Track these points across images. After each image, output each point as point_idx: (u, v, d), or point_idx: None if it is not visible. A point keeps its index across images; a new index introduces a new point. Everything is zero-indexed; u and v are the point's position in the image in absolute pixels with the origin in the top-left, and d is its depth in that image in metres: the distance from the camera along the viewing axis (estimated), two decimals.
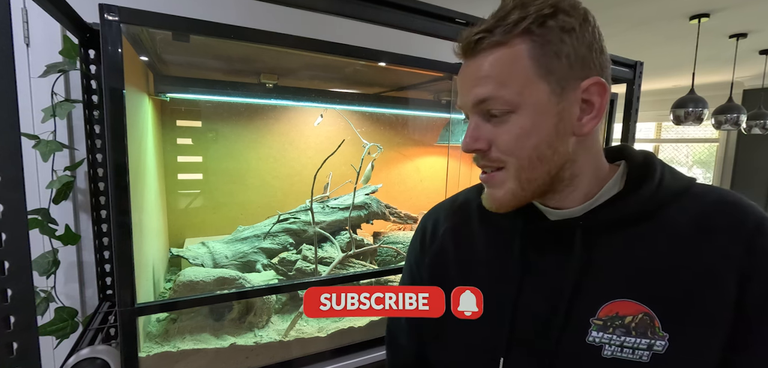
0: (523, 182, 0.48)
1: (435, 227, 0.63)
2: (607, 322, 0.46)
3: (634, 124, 1.33)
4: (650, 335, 0.44)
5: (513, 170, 0.47)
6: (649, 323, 0.44)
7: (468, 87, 0.48)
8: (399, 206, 1.49)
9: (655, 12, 2.42)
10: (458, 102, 0.51)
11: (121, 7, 0.64)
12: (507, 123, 0.46)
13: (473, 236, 0.58)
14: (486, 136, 0.47)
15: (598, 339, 0.46)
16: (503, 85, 0.45)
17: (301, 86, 1.29)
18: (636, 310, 0.45)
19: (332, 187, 1.37)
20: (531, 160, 0.47)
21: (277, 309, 1.05)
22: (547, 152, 0.47)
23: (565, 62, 0.45)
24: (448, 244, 0.60)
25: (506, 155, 0.47)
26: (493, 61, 0.45)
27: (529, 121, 0.45)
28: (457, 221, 0.61)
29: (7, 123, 0.43)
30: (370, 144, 1.32)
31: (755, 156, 4.50)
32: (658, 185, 0.48)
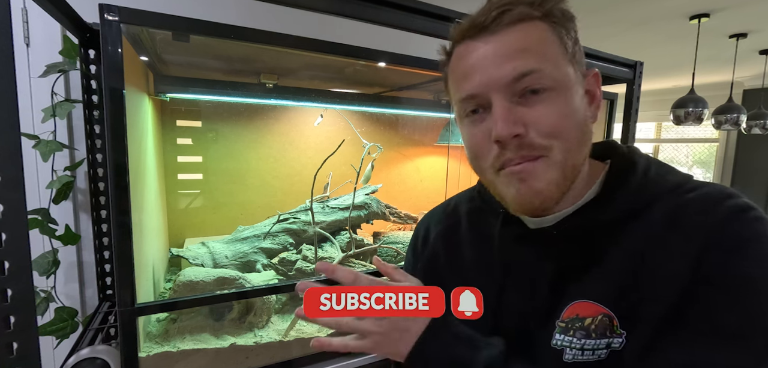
0: (567, 170, 0.43)
1: (427, 232, 0.63)
2: (568, 324, 0.45)
3: (634, 124, 1.33)
4: (609, 335, 0.43)
5: (559, 156, 0.42)
6: (608, 323, 0.43)
7: (497, 63, 0.42)
8: (399, 206, 1.49)
9: (655, 12, 2.42)
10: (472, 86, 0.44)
11: (121, 7, 0.64)
12: (548, 102, 0.41)
13: (462, 241, 0.58)
14: (522, 119, 0.42)
15: (560, 341, 0.45)
16: (546, 59, 0.41)
17: (301, 86, 1.29)
18: (595, 311, 0.44)
19: (332, 187, 1.37)
20: (575, 142, 0.43)
21: (277, 309, 1.05)
22: (586, 133, 0.44)
23: (576, 49, 0.45)
24: (439, 248, 0.60)
25: (550, 137, 0.42)
26: (527, 35, 0.42)
27: (569, 99, 0.43)
28: (448, 225, 0.61)
29: (7, 123, 0.43)
30: (370, 144, 1.32)
31: (755, 156, 4.50)
32: (636, 189, 0.45)
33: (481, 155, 0.46)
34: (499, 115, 0.42)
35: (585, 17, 2.54)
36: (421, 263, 0.62)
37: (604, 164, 0.50)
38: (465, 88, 0.45)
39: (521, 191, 0.44)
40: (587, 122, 0.45)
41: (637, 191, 0.45)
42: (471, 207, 0.60)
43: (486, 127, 0.44)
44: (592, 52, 1.15)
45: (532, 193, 0.43)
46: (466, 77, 0.44)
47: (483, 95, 0.43)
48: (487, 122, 0.44)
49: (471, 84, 0.44)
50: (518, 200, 0.44)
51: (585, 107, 0.45)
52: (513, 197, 0.45)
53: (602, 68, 1.21)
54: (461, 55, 0.46)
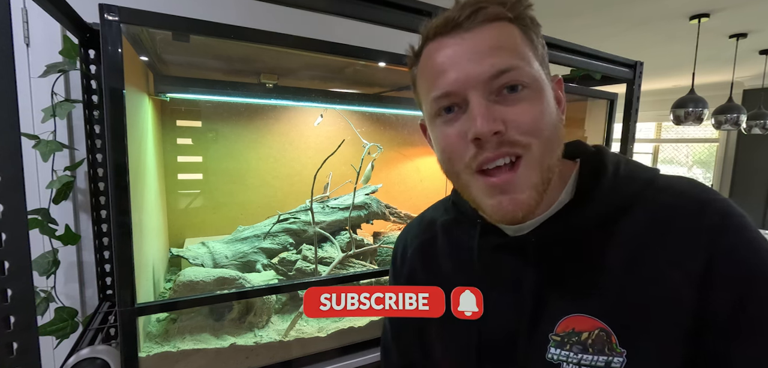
0: (544, 172, 0.43)
1: (404, 249, 0.62)
2: (564, 338, 0.44)
3: (634, 124, 1.33)
4: (608, 352, 0.41)
5: (536, 155, 0.42)
6: (606, 339, 0.42)
7: (474, 60, 0.41)
8: (399, 206, 1.49)
9: (655, 12, 2.42)
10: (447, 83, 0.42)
11: (121, 7, 0.64)
12: (526, 100, 0.41)
13: (439, 254, 0.56)
14: (501, 116, 0.41)
15: (556, 356, 0.44)
16: (521, 58, 0.42)
17: (301, 86, 1.29)
18: (592, 326, 0.42)
19: (332, 187, 1.37)
20: (551, 141, 0.43)
21: (277, 309, 1.05)
22: (562, 135, 0.44)
23: (544, 53, 0.46)
24: (416, 264, 0.59)
25: (529, 135, 0.41)
26: (501, 33, 0.42)
27: (545, 98, 0.43)
28: (424, 239, 0.59)
29: (7, 123, 0.43)
30: (370, 144, 1.32)
31: (755, 156, 4.50)
32: (611, 188, 0.45)
33: (456, 156, 0.44)
34: (478, 112, 0.41)
35: (585, 17, 2.54)
36: (402, 279, 0.60)
37: (573, 163, 0.50)
38: (439, 85, 0.43)
39: (503, 202, 0.42)
40: (560, 124, 0.45)
41: (611, 190, 0.45)
42: (447, 219, 0.58)
43: (461, 126, 0.43)
44: (592, 52, 1.15)
45: (514, 204, 0.42)
46: (441, 74, 0.43)
47: (459, 93, 0.42)
48: (462, 121, 0.43)
49: (446, 81, 0.42)
50: (499, 211, 0.43)
51: (556, 109, 0.45)
52: (492, 208, 0.43)
53: (602, 68, 1.21)
54: (433, 51, 0.45)
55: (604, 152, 0.49)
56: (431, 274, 0.57)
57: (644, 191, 0.44)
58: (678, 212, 0.42)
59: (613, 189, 0.45)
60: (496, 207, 0.43)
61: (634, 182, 0.45)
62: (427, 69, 0.46)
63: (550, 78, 0.46)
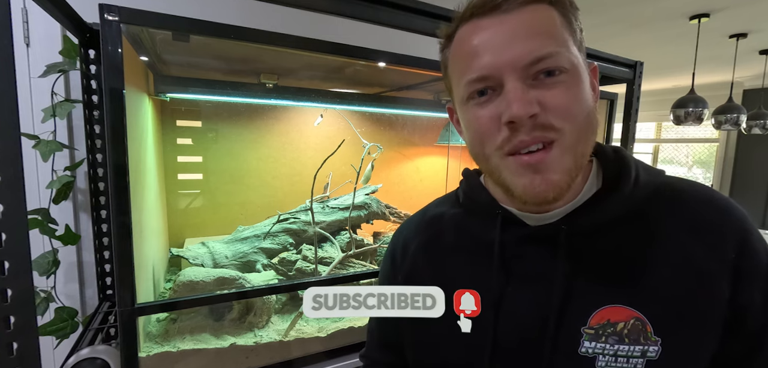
0: (577, 157, 0.42)
1: (405, 245, 0.59)
2: (598, 330, 0.43)
3: (634, 124, 1.33)
4: (643, 341, 0.42)
5: (570, 140, 0.41)
6: (642, 328, 0.42)
7: (512, 44, 0.41)
8: (399, 206, 1.49)
9: (655, 12, 2.42)
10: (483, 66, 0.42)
11: (121, 7, 0.64)
12: (563, 84, 0.41)
13: (448, 250, 0.54)
14: (537, 99, 0.40)
15: (591, 349, 0.43)
16: (560, 43, 0.41)
17: (301, 86, 1.29)
18: (628, 316, 0.42)
19: (332, 187, 1.38)
20: (587, 126, 0.42)
21: (277, 309, 1.05)
22: (595, 121, 0.44)
23: (582, 38, 0.45)
24: (420, 260, 0.56)
25: (565, 119, 0.41)
26: (541, 17, 0.41)
27: (580, 83, 0.42)
28: (430, 235, 0.57)
29: (7, 123, 0.43)
30: (370, 144, 1.32)
31: (755, 156, 4.49)
32: (635, 182, 0.45)
33: (488, 138, 0.43)
34: (514, 95, 0.40)
35: (585, 17, 2.53)
36: (402, 276, 0.58)
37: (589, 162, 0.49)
38: (474, 67, 0.42)
39: (535, 181, 0.42)
40: (595, 111, 0.44)
41: (637, 186, 0.45)
42: (457, 213, 0.56)
43: (494, 109, 0.42)
44: (592, 52, 1.15)
45: (546, 184, 0.41)
46: (476, 56, 0.42)
47: (495, 76, 0.41)
48: (495, 103, 0.42)
49: (482, 64, 0.42)
50: (530, 191, 0.42)
51: (592, 96, 0.45)
52: (524, 187, 0.42)
53: (602, 68, 1.21)
54: (469, 34, 0.44)
55: (622, 150, 0.49)
56: (438, 271, 0.54)
57: (664, 188, 0.46)
58: (709, 210, 0.44)
59: (637, 183, 0.45)
60: (529, 186, 0.42)
61: (653, 177, 0.47)
62: (462, 52, 0.45)
63: (587, 64, 0.45)
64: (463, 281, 0.50)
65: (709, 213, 0.44)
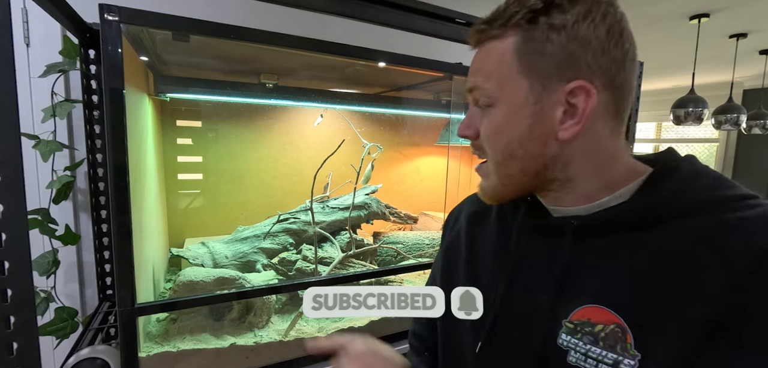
0: (501, 177, 0.49)
1: (458, 213, 0.66)
2: (577, 326, 0.43)
3: (634, 124, 1.33)
4: (620, 350, 0.40)
5: (492, 163, 0.49)
6: (620, 337, 0.40)
7: (469, 75, 0.50)
8: (399, 206, 1.49)
9: (655, 12, 2.42)
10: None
11: (121, 7, 0.64)
12: (488, 115, 0.48)
13: (486, 226, 0.59)
14: (476, 124, 0.49)
15: (565, 342, 0.44)
16: (488, 78, 0.47)
17: (301, 86, 1.29)
18: (608, 319, 0.41)
19: (332, 187, 1.37)
20: (504, 156, 0.48)
21: (277, 309, 1.05)
22: (519, 151, 0.46)
23: (549, 61, 0.42)
24: (463, 229, 0.62)
25: (487, 145, 0.49)
26: (484, 54, 0.48)
27: (504, 117, 0.46)
28: (478, 208, 0.63)
29: (7, 123, 0.43)
30: (370, 144, 1.32)
31: (755, 156, 4.50)
32: (671, 194, 0.42)
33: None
34: (465, 116, 0.50)
35: None
36: (447, 242, 0.64)
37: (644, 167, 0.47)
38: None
39: (480, 184, 0.52)
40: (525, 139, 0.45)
41: (669, 196, 0.42)
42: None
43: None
44: None
45: (480, 188, 0.52)
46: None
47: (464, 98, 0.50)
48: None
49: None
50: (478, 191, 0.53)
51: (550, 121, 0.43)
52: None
53: None
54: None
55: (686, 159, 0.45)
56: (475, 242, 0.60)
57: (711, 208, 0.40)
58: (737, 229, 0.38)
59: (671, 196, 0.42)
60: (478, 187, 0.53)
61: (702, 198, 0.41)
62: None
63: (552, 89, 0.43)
64: (488, 254, 0.56)
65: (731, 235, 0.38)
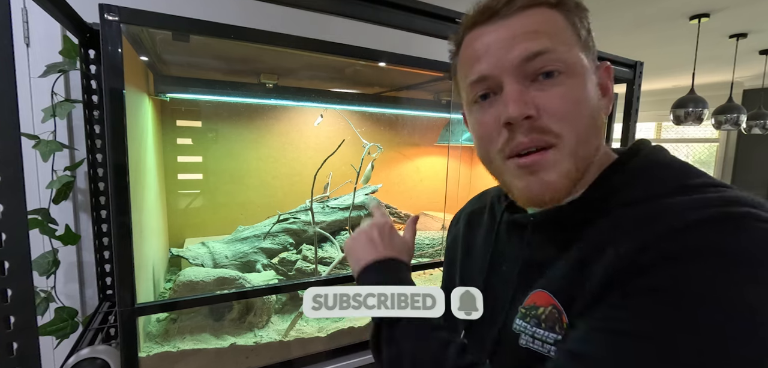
0: (578, 160, 0.41)
1: (460, 213, 0.68)
2: (527, 311, 0.45)
3: (634, 124, 1.33)
4: (557, 330, 0.41)
5: (570, 144, 0.40)
6: (557, 317, 0.42)
7: (508, 45, 0.41)
8: (399, 206, 1.49)
9: (655, 12, 2.42)
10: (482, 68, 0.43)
11: (121, 7, 0.64)
12: (561, 85, 0.40)
13: (481, 222, 0.61)
14: (534, 101, 0.40)
15: (518, 327, 0.45)
16: (559, 42, 0.41)
17: (301, 86, 1.29)
18: (547, 302, 0.43)
19: (332, 187, 1.37)
20: (588, 130, 0.41)
21: (277, 309, 1.05)
22: (599, 123, 0.43)
23: (589, 39, 0.45)
24: (462, 226, 0.64)
25: (563, 122, 0.40)
26: (539, 19, 0.42)
27: (582, 85, 0.41)
28: (477, 207, 0.64)
29: (7, 123, 0.43)
30: (370, 144, 1.32)
31: (755, 156, 4.50)
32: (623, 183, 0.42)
33: (490, 141, 0.44)
34: (511, 96, 0.41)
35: None
36: (450, 239, 0.66)
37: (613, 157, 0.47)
38: (475, 70, 0.44)
39: (531, 183, 0.42)
40: (600, 113, 0.44)
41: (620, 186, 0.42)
42: (495, 194, 0.61)
43: (496, 111, 0.43)
44: None
45: (542, 185, 0.42)
46: (477, 60, 0.44)
47: (494, 78, 0.42)
48: (497, 106, 0.43)
49: (481, 66, 0.43)
50: (527, 193, 0.43)
51: (598, 97, 0.44)
52: (521, 190, 0.43)
53: None
54: (472, 40, 0.45)
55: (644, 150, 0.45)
56: (471, 239, 0.61)
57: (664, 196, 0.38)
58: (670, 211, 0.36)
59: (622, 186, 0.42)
60: (525, 189, 0.43)
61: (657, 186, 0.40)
62: (466, 57, 0.46)
63: (594, 65, 0.44)
64: (476, 250, 0.58)
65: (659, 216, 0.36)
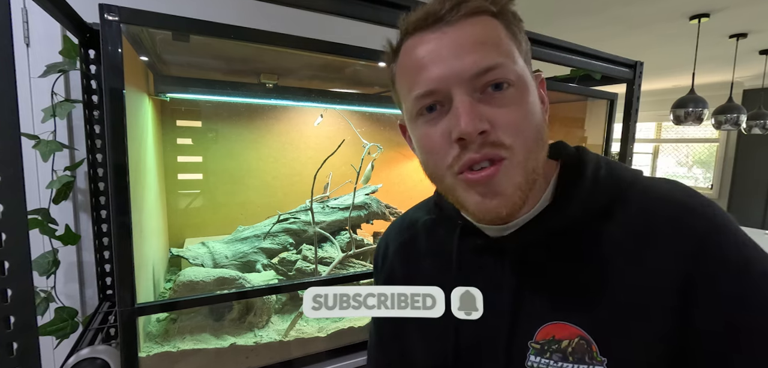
0: (528, 173, 0.41)
1: (386, 248, 0.61)
2: (544, 346, 0.42)
3: (634, 124, 1.33)
4: (588, 360, 0.40)
5: (520, 156, 0.40)
6: (586, 348, 0.40)
7: (458, 55, 0.39)
8: (399, 206, 1.49)
9: (655, 12, 2.42)
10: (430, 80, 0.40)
11: (121, 7, 0.64)
12: (511, 99, 0.40)
13: (420, 254, 0.55)
14: (486, 115, 0.39)
15: (536, 363, 0.42)
16: (506, 55, 0.40)
17: (301, 86, 1.29)
18: (572, 334, 0.41)
19: (332, 187, 1.37)
20: (536, 142, 0.41)
21: (277, 309, 1.05)
22: (544, 135, 0.42)
23: (528, 50, 0.44)
24: (396, 263, 0.58)
25: (513, 136, 0.39)
26: (484, 29, 0.40)
27: (529, 97, 0.41)
28: (405, 239, 0.58)
29: (7, 123, 0.43)
30: (370, 144, 1.32)
31: (755, 156, 4.50)
32: (591, 190, 0.43)
33: (439, 157, 0.42)
34: (463, 110, 0.39)
35: (585, 17, 2.54)
36: (382, 278, 0.60)
37: (555, 164, 0.48)
38: (421, 81, 0.41)
39: (486, 199, 0.41)
40: (544, 124, 0.43)
41: (591, 193, 0.43)
42: (428, 219, 0.57)
43: (444, 125, 0.41)
44: (592, 52, 1.15)
45: (498, 201, 0.41)
46: (422, 70, 0.41)
47: (442, 90, 0.40)
48: (445, 120, 0.41)
49: (428, 77, 0.40)
50: (482, 209, 0.41)
51: (541, 109, 0.43)
52: (476, 205, 0.42)
53: (602, 68, 1.21)
54: (414, 46, 0.42)
55: (583, 153, 0.47)
56: (410, 274, 0.56)
57: (626, 193, 0.43)
58: (658, 215, 0.40)
59: (593, 192, 0.43)
60: (480, 205, 0.41)
61: (615, 184, 0.43)
62: (407, 65, 0.44)
63: (534, 77, 0.44)
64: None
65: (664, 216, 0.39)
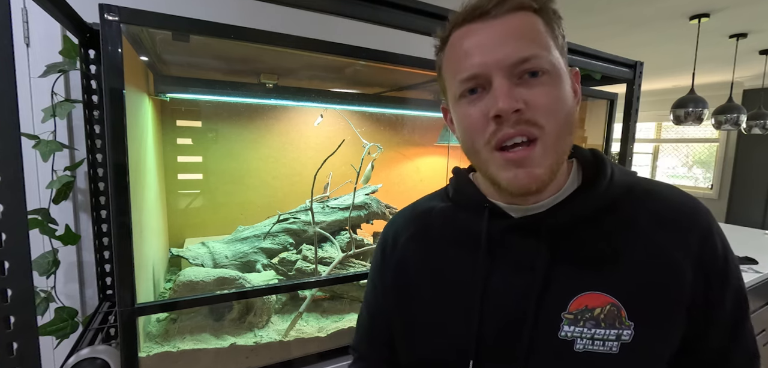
0: (558, 153, 0.46)
1: (396, 236, 0.61)
2: (577, 315, 0.46)
3: (634, 124, 1.33)
4: (618, 325, 0.45)
5: (552, 138, 0.45)
6: (617, 314, 0.46)
7: (500, 45, 0.45)
8: (399, 206, 1.49)
9: (655, 12, 2.42)
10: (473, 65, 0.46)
11: (121, 7, 0.64)
12: (545, 84, 0.45)
13: (436, 241, 0.57)
14: (522, 96, 0.44)
15: (570, 333, 0.46)
16: (544, 47, 0.46)
17: (301, 86, 1.29)
18: (603, 301, 0.46)
19: (332, 187, 1.37)
20: (566, 126, 0.46)
21: (277, 309, 1.05)
22: (574, 122, 0.48)
23: (564, 45, 0.49)
24: (409, 251, 0.59)
25: (545, 117, 0.44)
26: (526, 22, 0.46)
27: (562, 85, 0.46)
28: (419, 227, 0.60)
29: (7, 123, 0.43)
30: (370, 144, 1.32)
31: (755, 156, 4.50)
32: (610, 180, 0.50)
33: (477, 133, 0.47)
34: (501, 91, 0.44)
35: (585, 17, 2.54)
36: (392, 266, 0.60)
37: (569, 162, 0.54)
38: (466, 66, 0.46)
39: (519, 175, 0.46)
40: (574, 112, 0.49)
41: (612, 184, 0.49)
42: (447, 207, 0.59)
43: (484, 105, 0.46)
44: (592, 52, 1.15)
45: (529, 177, 0.45)
46: (468, 57, 0.46)
47: (484, 75, 0.45)
48: (485, 100, 0.46)
49: (472, 63, 0.46)
50: (515, 183, 0.46)
51: (572, 98, 0.49)
52: (508, 180, 0.46)
53: (602, 68, 1.21)
54: (461, 37, 0.48)
55: (600, 152, 0.54)
56: (427, 260, 0.57)
57: (633, 186, 0.51)
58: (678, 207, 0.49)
59: (612, 181, 0.50)
60: (513, 180, 0.46)
61: (626, 177, 0.51)
62: (455, 54, 0.49)
63: (568, 68, 0.49)
64: (450, 270, 0.54)
65: (676, 208, 0.49)
